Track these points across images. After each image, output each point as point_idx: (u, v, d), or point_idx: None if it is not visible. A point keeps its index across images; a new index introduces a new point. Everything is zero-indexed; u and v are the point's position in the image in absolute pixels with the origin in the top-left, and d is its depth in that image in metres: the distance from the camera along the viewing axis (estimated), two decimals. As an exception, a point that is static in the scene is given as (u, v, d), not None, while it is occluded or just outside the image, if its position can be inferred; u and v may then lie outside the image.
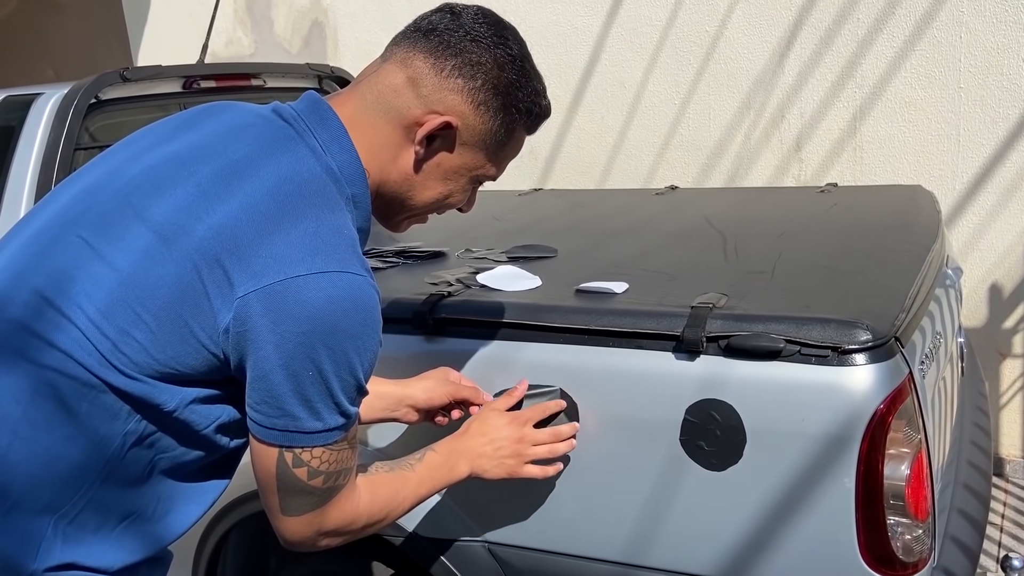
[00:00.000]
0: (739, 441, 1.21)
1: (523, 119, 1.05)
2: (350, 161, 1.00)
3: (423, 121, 1.00)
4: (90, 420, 0.89)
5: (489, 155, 1.06)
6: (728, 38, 3.40)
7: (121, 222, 0.91)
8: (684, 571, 1.29)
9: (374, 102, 1.02)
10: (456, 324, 1.43)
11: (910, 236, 1.75)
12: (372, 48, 4.27)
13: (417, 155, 1.02)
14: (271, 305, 0.87)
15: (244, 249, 0.88)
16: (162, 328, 0.88)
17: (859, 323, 1.19)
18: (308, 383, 0.89)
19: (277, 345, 0.87)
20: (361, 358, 0.91)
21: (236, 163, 0.94)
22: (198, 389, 0.93)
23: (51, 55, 6.45)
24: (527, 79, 1.04)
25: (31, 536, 0.89)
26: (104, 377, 0.88)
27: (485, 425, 1.23)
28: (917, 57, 3.08)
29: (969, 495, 1.57)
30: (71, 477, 0.90)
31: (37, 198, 2.01)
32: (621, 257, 1.73)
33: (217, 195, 0.91)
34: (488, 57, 1.01)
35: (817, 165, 3.32)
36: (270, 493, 0.95)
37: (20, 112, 2.13)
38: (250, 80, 2.64)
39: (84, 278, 0.89)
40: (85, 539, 0.92)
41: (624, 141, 3.67)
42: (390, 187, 1.05)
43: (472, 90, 1.00)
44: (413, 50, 1.01)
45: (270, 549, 1.86)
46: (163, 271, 0.88)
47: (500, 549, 1.41)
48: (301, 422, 0.90)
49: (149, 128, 1.04)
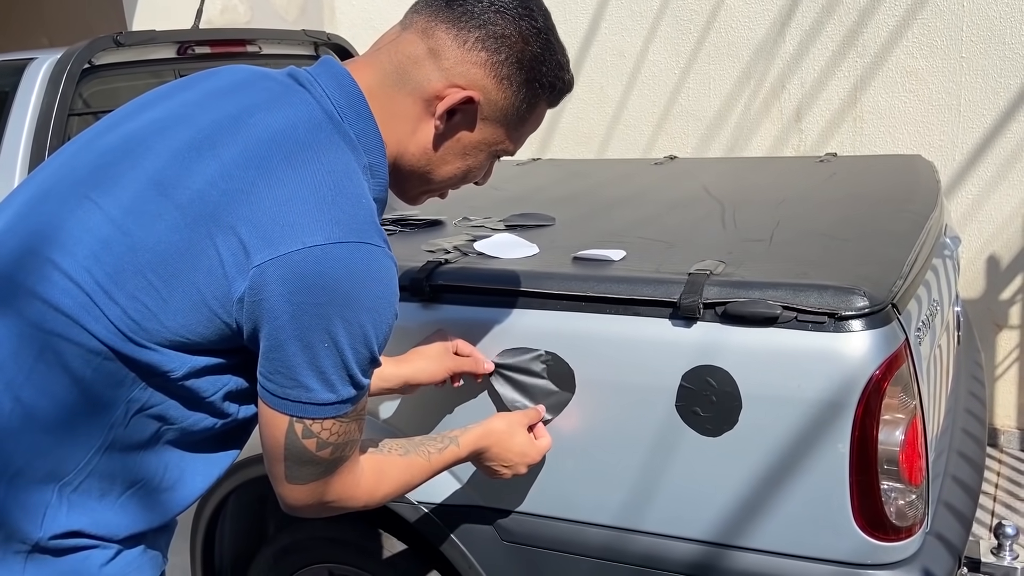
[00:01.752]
0: (735, 407, 1.21)
1: (546, 93, 1.02)
2: (368, 129, 0.97)
3: (444, 95, 0.97)
4: (94, 386, 0.87)
5: (509, 130, 1.03)
6: (728, 7, 3.36)
7: (131, 184, 0.88)
8: (679, 535, 1.30)
9: (393, 72, 0.98)
10: (453, 291, 1.43)
11: (908, 205, 1.74)
12: (369, 16, 4.23)
13: (437, 129, 0.99)
14: (288, 275, 0.84)
15: (260, 216, 0.85)
16: (173, 295, 0.86)
17: (856, 289, 1.19)
18: (323, 355, 0.87)
19: (293, 316, 0.85)
20: (377, 331, 0.90)
21: (251, 127, 0.91)
22: (207, 358, 0.91)
23: (45, 22, 6.38)
24: (551, 52, 1.01)
25: (35, 504, 0.88)
26: (111, 343, 0.86)
27: (512, 442, 1.24)
28: (919, 27, 3.05)
29: (963, 462, 1.58)
30: (74, 444, 0.89)
31: (31, 164, 1.99)
32: (619, 225, 1.73)
33: (232, 160, 0.88)
34: (513, 29, 0.97)
35: (817, 135, 3.30)
36: (276, 461, 0.94)
37: (13, 77, 2.11)
38: (245, 46, 2.61)
39: (92, 240, 0.87)
40: (90, 506, 0.91)
41: (623, 111, 3.65)
42: (408, 160, 1.02)
43: (496, 64, 0.97)
44: (435, 20, 0.97)
45: (268, 515, 1.87)
46: (176, 236, 0.86)
47: (496, 514, 1.42)
48: (315, 394, 0.89)
49: (155, 90, 1.01)
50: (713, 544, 1.27)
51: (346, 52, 2.99)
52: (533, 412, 1.32)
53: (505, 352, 1.36)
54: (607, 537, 1.34)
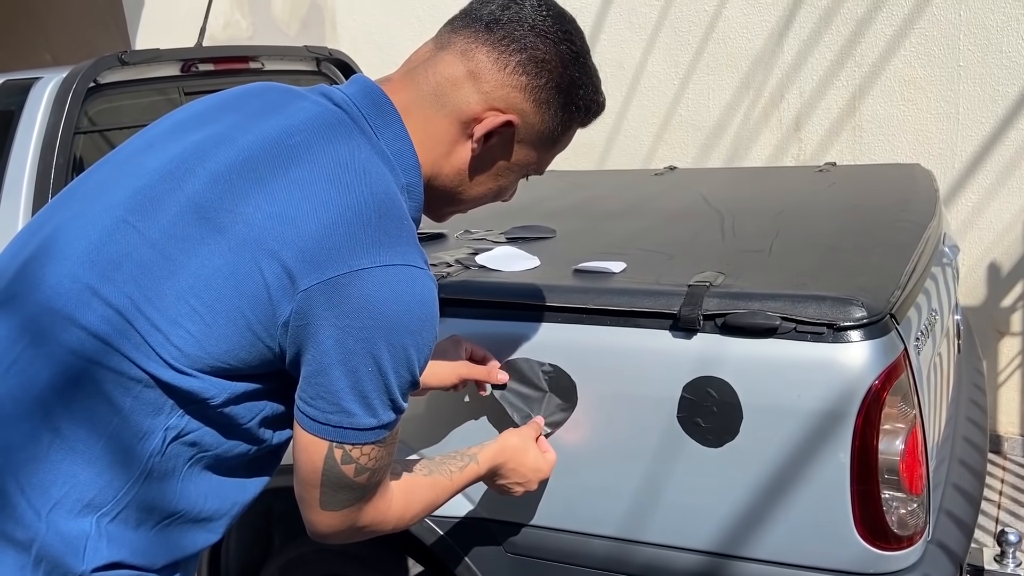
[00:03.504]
0: (736, 418, 1.22)
1: (580, 116, 1.03)
2: (404, 150, 0.97)
3: (482, 118, 0.97)
4: (133, 415, 0.86)
5: (542, 152, 1.04)
6: (727, 18, 3.38)
7: (171, 207, 0.87)
8: (681, 546, 1.30)
9: (430, 93, 0.98)
10: (455, 304, 1.44)
11: (907, 214, 1.75)
12: (370, 30, 4.26)
13: (473, 152, 0.99)
14: (334, 299, 0.84)
15: (305, 241, 0.84)
16: (217, 320, 0.84)
17: (854, 300, 1.20)
18: (367, 379, 0.86)
19: (338, 340, 0.84)
20: (419, 354, 0.89)
21: (292, 149, 0.90)
22: (245, 383, 0.89)
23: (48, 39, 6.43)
24: (588, 76, 1.01)
25: (76, 536, 0.87)
26: (151, 371, 0.84)
27: (526, 457, 1.25)
28: (916, 35, 3.07)
29: (965, 471, 1.58)
30: (112, 474, 0.87)
31: (38, 182, 2.01)
32: (619, 237, 1.74)
33: (275, 181, 0.87)
34: (554, 54, 0.97)
35: (816, 144, 3.31)
36: (311, 487, 0.92)
37: (19, 96, 2.13)
38: (248, 63, 2.63)
39: (131, 265, 0.85)
40: (128, 537, 0.89)
41: (623, 122, 3.67)
42: (441, 180, 1.01)
43: (536, 88, 0.97)
44: (475, 42, 0.97)
45: (274, 527, 1.88)
46: (219, 260, 0.84)
47: (499, 526, 1.43)
48: (356, 418, 0.88)
49: (188, 108, 1.00)
50: (715, 554, 1.28)
51: (348, 68, 3.01)
52: (536, 424, 1.33)
53: (508, 363, 1.37)
54: (610, 548, 1.35)
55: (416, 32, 4.10)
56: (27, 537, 0.86)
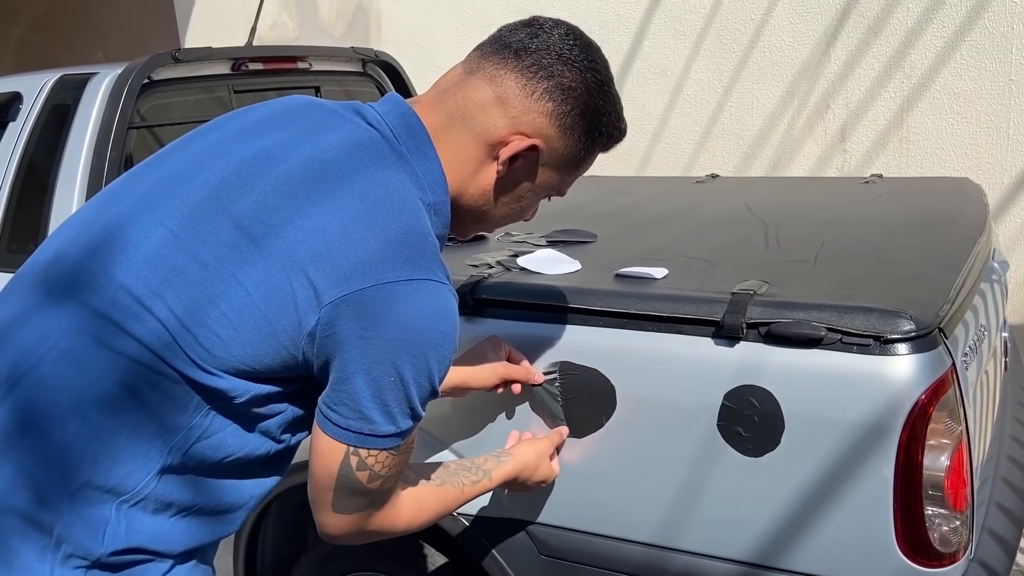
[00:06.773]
0: (777, 428, 1.21)
1: (602, 141, 1.06)
2: (433, 170, 1.01)
3: (508, 141, 1.01)
4: (160, 409, 0.89)
5: (564, 175, 1.08)
6: (773, 26, 3.36)
7: (208, 215, 0.91)
8: (717, 555, 1.30)
9: (459, 116, 1.02)
10: (496, 305, 1.45)
11: (956, 228, 1.72)
12: (414, 32, 4.30)
13: (498, 174, 1.03)
14: (360, 311, 0.88)
15: (334, 254, 0.88)
16: (245, 325, 0.88)
17: (903, 313, 1.18)
18: (388, 388, 0.90)
19: (363, 350, 0.88)
20: (440, 365, 0.93)
21: (326, 165, 0.94)
22: (269, 386, 0.93)
23: (101, 36, 6.58)
24: (612, 104, 1.05)
25: (97, 520, 0.90)
26: (180, 369, 0.88)
27: (537, 472, 1.29)
28: (967, 48, 3.02)
29: (1009, 490, 1.55)
30: (136, 465, 0.91)
31: (92, 174, 2.06)
32: (660, 243, 1.74)
33: (308, 197, 0.91)
34: (580, 82, 1.01)
35: (861, 156, 3.27)
36: (325, 490, 0.96)
37: (75, 91, 2.19)
38: (296, 63, 2.67)
39: (167, 268, 0.89)
40: (147, 523, 0.93)
41: (665, 128, 3.65)
42: (466, 200, 1.05)
43: (561, 114, 1.01)
44: (504, 68, 1.01)
45: (309, 522, 1.90)
46: (251, 269, 0.88)
47: (534, 527, 1.43)
48: (376, 426, 0.92)
49: (230, 118, 1.04)
50: (752, 565, 1.27)
51: (392, 69, 3.04)
52: (557, 436, 1.35)
53: (549, 367, 1.37)
54: (645, 554, 1.34)
55: (459, 35, 4.13)
56: (49, 520, 0.89)
